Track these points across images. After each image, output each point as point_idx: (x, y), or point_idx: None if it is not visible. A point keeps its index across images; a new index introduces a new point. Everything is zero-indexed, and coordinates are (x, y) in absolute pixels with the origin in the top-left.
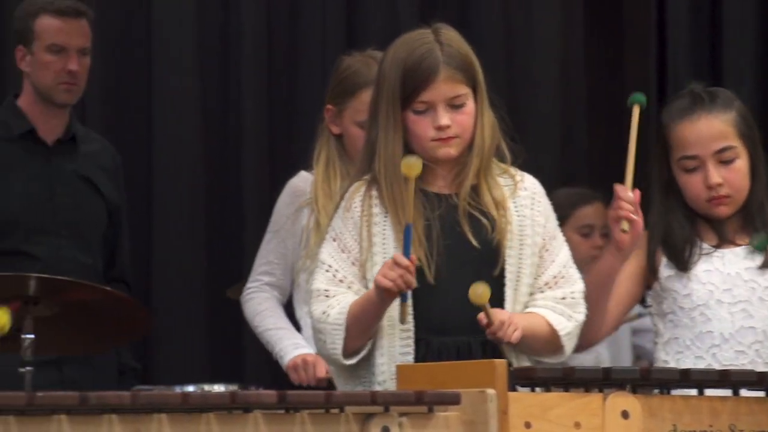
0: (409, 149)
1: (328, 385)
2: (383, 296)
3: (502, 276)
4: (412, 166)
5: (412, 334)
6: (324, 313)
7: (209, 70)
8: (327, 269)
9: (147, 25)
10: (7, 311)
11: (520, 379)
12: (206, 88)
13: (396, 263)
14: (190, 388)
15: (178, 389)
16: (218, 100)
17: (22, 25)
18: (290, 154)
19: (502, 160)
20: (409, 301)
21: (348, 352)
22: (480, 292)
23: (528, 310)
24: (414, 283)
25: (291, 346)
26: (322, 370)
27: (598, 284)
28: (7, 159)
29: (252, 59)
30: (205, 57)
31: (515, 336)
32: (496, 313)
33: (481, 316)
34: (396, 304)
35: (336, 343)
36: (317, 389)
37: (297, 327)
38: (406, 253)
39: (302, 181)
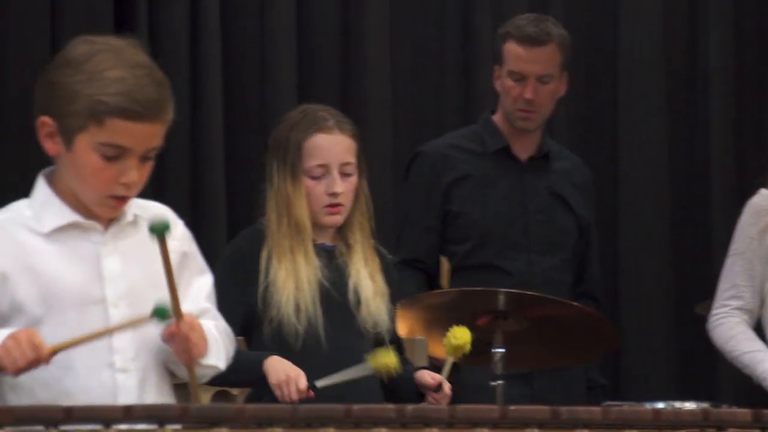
0: None
1: None
2: None
3: None
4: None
5: None
6: None
7: (676, 87)
8: None
9: (613, 43)
10: (467, 331)
11: None
12: (672, 104)
13: None
14: (660, 405)
15: (647, 406)
16: (684, 116)
17: (497, 45)
18: (759, 168)
19: None
20: None
21: None
22: None
23: None
24: None
25: None
26: None
27: None
28: (482, 175)
29: (719, 71)
30: (672, 73)
31: None
32: None
33: None
34: None
35: None
36: None
37: None
38: None
39: (764, 199)
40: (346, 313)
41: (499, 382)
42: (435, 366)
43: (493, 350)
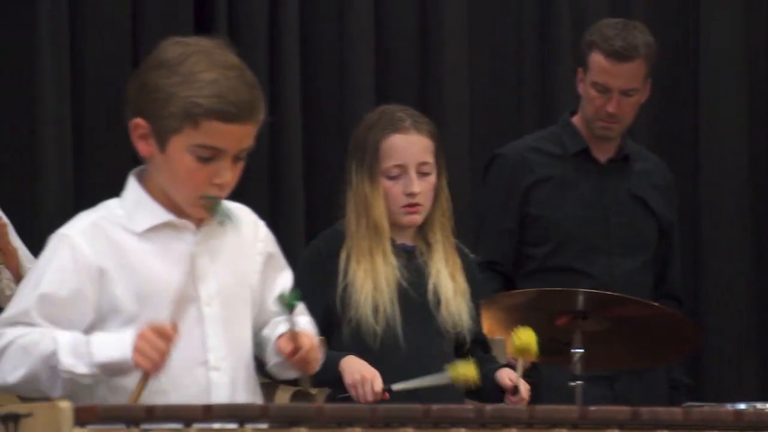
0: None
1: None
2: None
3: None
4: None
5: None
6: None
7: (758, 88)
8: None
9: (695, 43)
10: (532, 333)
11: None
12: (754, 104)
13: None
14: (742, 406)
15: (729, 407)
16: (766, 116)
17: (582, 50)
18: None
19: None
20: None
21: None
22: None
23: None
24: None
25: None
26: None
27: None
28: (561, 177)
29: None
30: (755, 73)
31: None
32: None
33: None
34: None
35: None
36: None
37: None
38: None
39: None
40: (426, 313)
41: (579, 382)
42: (512, 365)
43: (572, 351)
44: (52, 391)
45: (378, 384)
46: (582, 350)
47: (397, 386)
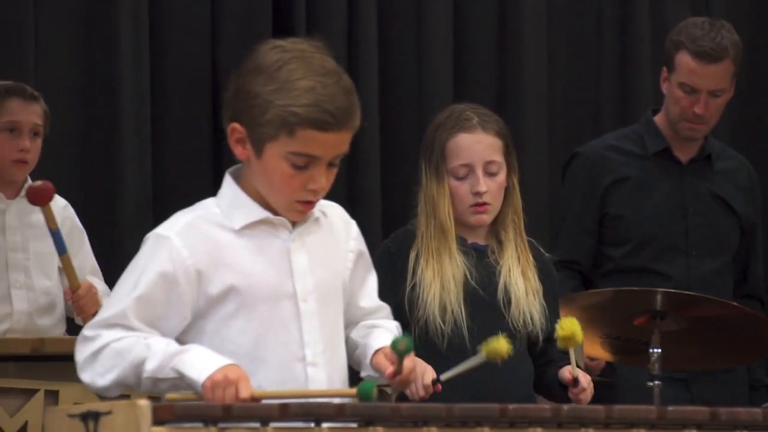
0: None
1: None
2: None
3: None
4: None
5: None
6: None
7: None
8: None
9: None
10: (575, 321)
11: None
12: None
13: None
14: None
15: None
16: None
17: (668, 50)
18: None
19: None
20: None
21: None
22: None
23: None
24: None
25: None
26: None
27: None
28: (641, 176)
29: None
30: None
31: None
32: None
33: None
34: None
35: None
36: None
37: None
38: None
39: None
40: (495, 313)
41: (657, 382)
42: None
43: (650, 350)
44: (137, 390)
45: (428, 378)
46: (660, 350)
47: (444, 375)
